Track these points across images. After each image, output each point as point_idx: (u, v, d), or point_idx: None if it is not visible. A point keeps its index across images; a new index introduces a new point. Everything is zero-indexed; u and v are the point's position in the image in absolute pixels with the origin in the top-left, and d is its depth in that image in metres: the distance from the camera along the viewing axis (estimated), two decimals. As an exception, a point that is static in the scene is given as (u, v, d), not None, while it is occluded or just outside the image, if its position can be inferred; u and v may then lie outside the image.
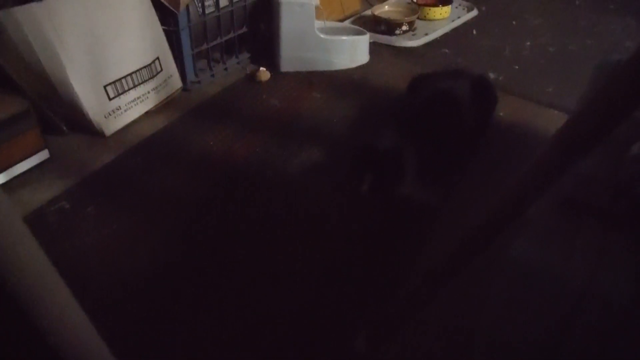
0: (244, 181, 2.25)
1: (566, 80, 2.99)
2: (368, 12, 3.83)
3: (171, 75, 2.84)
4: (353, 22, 3.69)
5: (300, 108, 2.78)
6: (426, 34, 3.59)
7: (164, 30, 2.72)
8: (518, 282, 1.71)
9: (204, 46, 2.98)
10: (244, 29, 3.18)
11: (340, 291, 1.74)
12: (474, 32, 3.71)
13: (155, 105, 2.78)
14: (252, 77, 3.08)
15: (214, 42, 3.02)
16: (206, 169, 2.34)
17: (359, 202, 2.09)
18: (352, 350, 1.46)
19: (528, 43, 3.51)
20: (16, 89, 2.32)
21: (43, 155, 2.34)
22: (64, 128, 2.56)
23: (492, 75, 3.03)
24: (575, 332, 1.50)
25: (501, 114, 2.65)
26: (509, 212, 0.97)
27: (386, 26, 3.58)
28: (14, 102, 2.24)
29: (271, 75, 3.08)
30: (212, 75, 3.08)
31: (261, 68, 3.11)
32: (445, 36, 3.65)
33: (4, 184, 2.23)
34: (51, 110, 2.50)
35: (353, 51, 3.23)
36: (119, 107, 2.59)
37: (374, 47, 3.40)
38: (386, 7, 3.78)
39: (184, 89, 2.95)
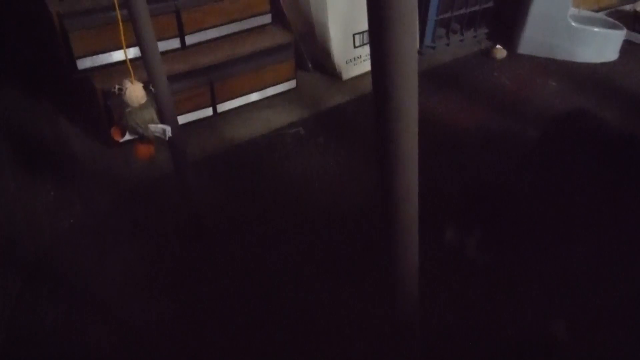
0: (464, 148, 2.30)
1: None
2: (627, 7, 3.49)
3: (411, 36, 2.97)
4: (608, 15, 3.39)
5: (532, 93, 2.70)
6: (695, 43, 3.16)
7: (417, -8, 2.84)
8: None
9: (448, 14, 3.04)
10: (490, 4, 3.15)
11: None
12: None
13: (390, 62, 2.94)
14: (486, 53, 3.06)
15: (458, 12, 3.06)
16: (429, 130, 2.43)
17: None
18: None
19: None
20: (285, 24, 2.66)
21: (291, 84, 2.67)
22: (310, 66, 2.87)
23: None
24: None
25: None
26: None
27: (647, 26, 3.23)
28: (282, 34, 2.58)
29: (507, 55, 3.03)
30: (447, 44, 3.14)
31: (497, 45, 3.07)
32: None
33: (256, 102, 2.61)
34: (304, 48, 2.82)
35: (602, 45, 3.00)
36: (360, 55, 2.81)
37: (626, 45, 3.11)
38: (652, 4, 3.39)
39: (419, 51, 3.06)
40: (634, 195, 1.94)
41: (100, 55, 2.22)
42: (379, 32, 0.70)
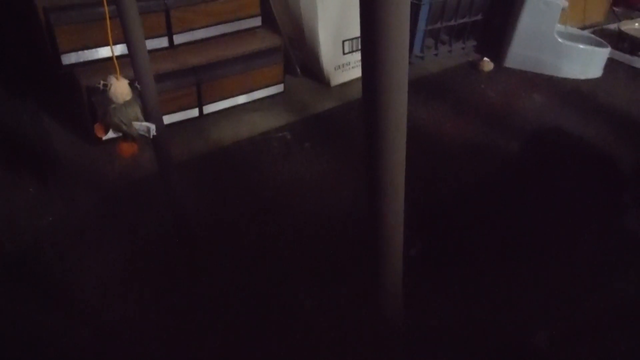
0: (448, 157, 2.31)
1: None
2: (612, 26, 3.57)
3: (400, 46, 2.99)
4: (593, 33, 3.45)
5: (517, 106, 2.73)
6: (677, 63, 3.23)
7: (407, 1, 2.86)
8: None
9: (437, 25, 3.06)
10: (479, 17, 3.18)
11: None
12: None
13: (379, 70, 2.95)
14: (474, 65, 3.09)
15: (448, 24, 3.09)
16: (414, 138, 2.44)
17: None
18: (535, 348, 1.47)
19: None
20: (274, 27, 2.66)
21: (279, 88, 2.66)
22: (298, 70, 2.86)
23: None
24: None
25: None
26: None
27: (631, 44, 3.29)
28: (271, 37, 2.57)
29: (494, 68, 3.06)
30: (436, 55, 3.16)
31: (485, 58, 3.10)
32: (700, 70, 3.24)
33: (243, 105, 2.60)
34: (293, 53, 2.81)
35: (587, 62, 3.05)
36: (349, 62, 2.82)
37: (609, 63, 3.17)
38: (636, 24, 3.46)
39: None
40: (610, 207, 1.97)
41: (86, 51, 2.18)
42: (372, 40, 0.69)
